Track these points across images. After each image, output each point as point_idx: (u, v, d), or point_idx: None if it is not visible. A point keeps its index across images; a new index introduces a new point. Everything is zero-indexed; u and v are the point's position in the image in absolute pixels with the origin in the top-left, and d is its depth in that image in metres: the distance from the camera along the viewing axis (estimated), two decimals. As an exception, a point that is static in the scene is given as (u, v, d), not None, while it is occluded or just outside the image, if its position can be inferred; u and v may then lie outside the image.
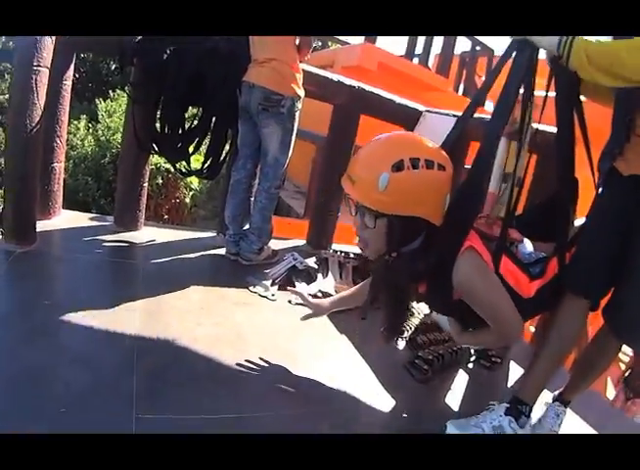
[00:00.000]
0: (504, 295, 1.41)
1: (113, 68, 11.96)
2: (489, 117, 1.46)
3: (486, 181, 1.50)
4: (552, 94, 1.53)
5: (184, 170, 2.78)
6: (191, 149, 2.65)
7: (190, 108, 2.71)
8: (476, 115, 1.57)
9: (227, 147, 2.71)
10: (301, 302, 1.78)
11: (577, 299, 1.50)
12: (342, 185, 1.37)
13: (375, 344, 1.88)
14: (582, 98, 1.55)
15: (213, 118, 2.59)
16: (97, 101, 8.57)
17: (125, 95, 2.93)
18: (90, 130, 7.85)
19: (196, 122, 2.60)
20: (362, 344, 2.00)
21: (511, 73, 1.44)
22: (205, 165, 2.70)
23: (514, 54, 1.44)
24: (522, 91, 1.48)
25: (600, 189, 1.54)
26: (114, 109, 8.00)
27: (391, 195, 1.28)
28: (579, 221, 1.62)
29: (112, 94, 8.89)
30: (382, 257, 1.44)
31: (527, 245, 1.66)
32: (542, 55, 1.43)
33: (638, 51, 1.22)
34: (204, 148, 2.74)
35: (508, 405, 1.52)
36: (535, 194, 2.23)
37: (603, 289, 1.51)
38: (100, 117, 7.99)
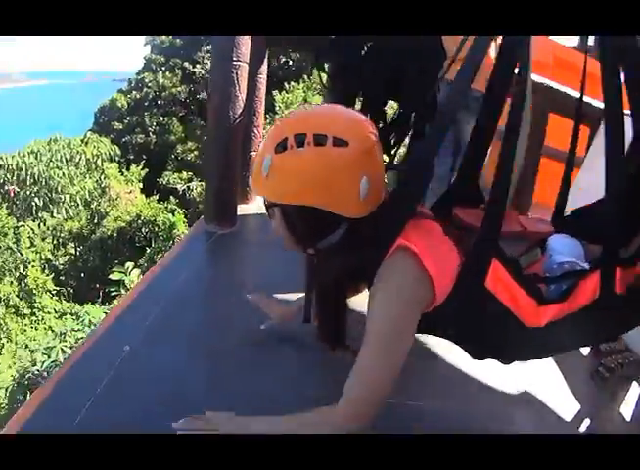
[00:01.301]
0: (395, 347, 1.05)
1: (282, 60, 12.44)
2: None
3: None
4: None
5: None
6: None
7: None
8: None
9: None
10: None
11: None
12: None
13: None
14: None
15: (412, 115, 2.53)
16: (273, 93, 9.04)
17: (300, 88, 3.01)
18: (268, 121, 8.30)
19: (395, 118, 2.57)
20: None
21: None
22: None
23: None
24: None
25: None
26: (291, 100, 8.37)
27: (273, 181, 1.06)
28: None
29: (286, 86, 9.31)
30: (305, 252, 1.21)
31: (569, 248, 1.22)
32: None
33: None
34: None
35: None
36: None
37: None
38: (277, 108, 8.41)
